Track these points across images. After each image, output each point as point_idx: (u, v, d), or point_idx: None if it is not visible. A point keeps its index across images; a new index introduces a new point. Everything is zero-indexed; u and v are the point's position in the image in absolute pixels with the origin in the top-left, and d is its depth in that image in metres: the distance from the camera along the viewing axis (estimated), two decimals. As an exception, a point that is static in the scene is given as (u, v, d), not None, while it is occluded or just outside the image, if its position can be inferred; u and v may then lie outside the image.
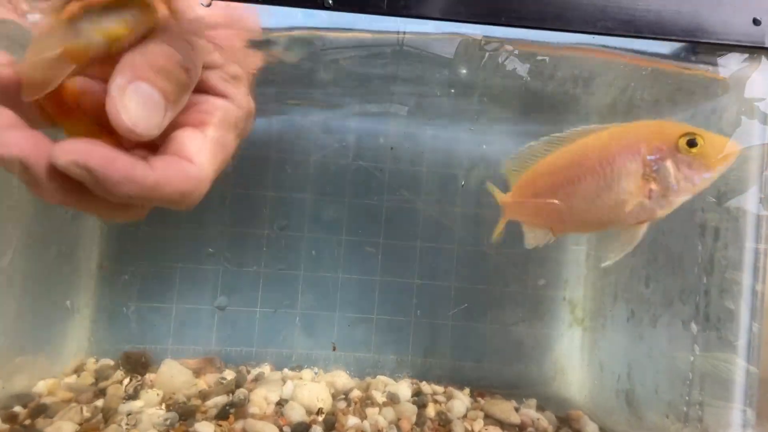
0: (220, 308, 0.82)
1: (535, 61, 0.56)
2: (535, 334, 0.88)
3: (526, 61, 0.58)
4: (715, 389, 0.51)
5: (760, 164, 0.49)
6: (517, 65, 0.61)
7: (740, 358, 0.49)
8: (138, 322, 0.80)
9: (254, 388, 0.72)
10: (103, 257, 0.79)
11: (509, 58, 0.60)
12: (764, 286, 0.48)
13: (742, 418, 0.48)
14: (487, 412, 0.72)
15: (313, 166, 0.88)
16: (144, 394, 0.66)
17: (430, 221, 0.90)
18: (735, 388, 0.49)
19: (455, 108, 0.83)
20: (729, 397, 0.49)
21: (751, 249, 0.48)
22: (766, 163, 0.49)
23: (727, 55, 0.49)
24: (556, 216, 0.44)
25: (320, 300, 0.88)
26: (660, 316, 0.62)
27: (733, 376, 0.48)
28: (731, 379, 0.48)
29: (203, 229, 0.84)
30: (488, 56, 0.56)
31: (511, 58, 0.59)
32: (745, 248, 0.49)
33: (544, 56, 0.57)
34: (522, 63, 0.61)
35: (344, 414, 0.68)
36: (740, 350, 0.49)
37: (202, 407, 0.65)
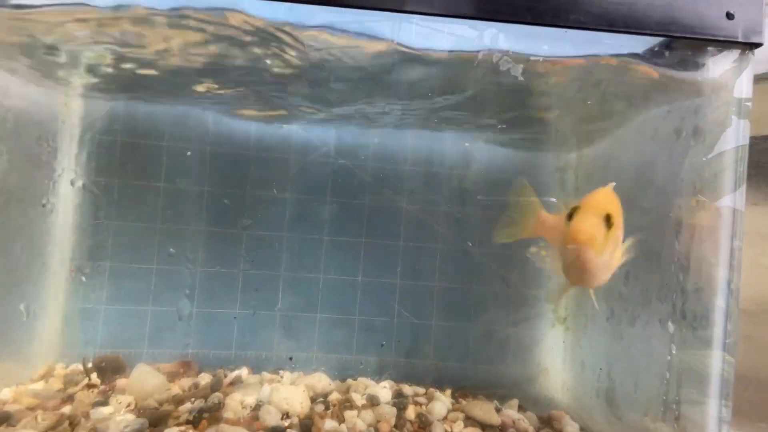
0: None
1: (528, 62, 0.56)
2: (519, 333, 0.87)
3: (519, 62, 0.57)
4: (692, 388, 0.51)
5: (734, 161, 0.49)
6: (510, 66, 0.60)
7: (716, 356, 0.48)
8: (112, 325, 0.78)
9: (231, 392, 0.70)
10: (75, 257, 0.77)
11: (503, 59, 0.58)
12: (739, 284, 0.47)
13: (719, 416, 0.48)
14: (467, 413, 0.71)
15: (294, 165, 0.86)
16: (114, 399, 0.64)
17: (413, 220, 0.89)
18: (711, 387, 0.48)
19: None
20: (706, 396, 0.49)
21: (726, 246, 0.48)
22: (741, 160, 0.49)
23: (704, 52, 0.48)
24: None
25: (301, 301, 0.86)
26: (638, 315, 0.61)
27: (709, 375, 0.48)
28: (708, 378, 0.48)
29: (181, 229, 0.82)
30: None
31: (504, 59, 0.58)
32: (721, 245, 0.49)
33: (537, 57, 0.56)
34: (515, 64, 0.60)
35: (321, 417, 0.66)
36: (715, 349, 0.48)
37: (175, 412, 0.64)
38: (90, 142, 0.77)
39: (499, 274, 0.88)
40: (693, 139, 0.53)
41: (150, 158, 0.81)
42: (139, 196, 0.80)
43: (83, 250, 0.78)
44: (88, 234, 0.77)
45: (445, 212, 0.89)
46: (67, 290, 0.76)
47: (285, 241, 0.86)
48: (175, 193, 0.82)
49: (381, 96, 0.75)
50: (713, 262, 0.49)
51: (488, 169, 0.89)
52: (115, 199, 0.79)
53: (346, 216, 0.88)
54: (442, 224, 0.89)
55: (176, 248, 0.81)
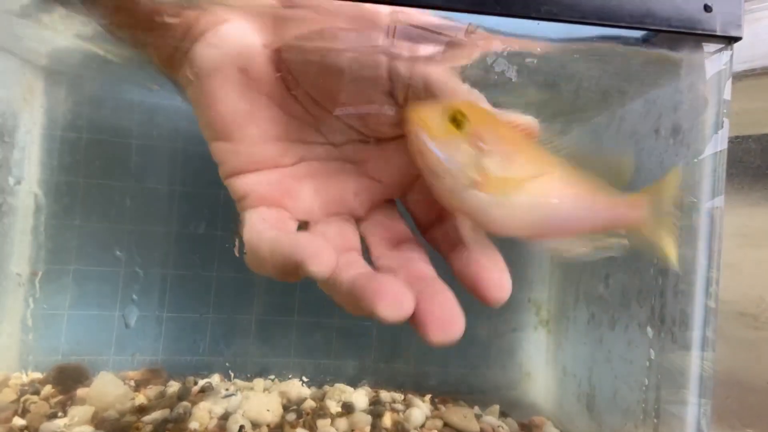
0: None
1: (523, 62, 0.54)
2: (500, 337, 0.85)
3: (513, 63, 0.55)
4: (670, 394, 0.49)
5: (713, 158, 0.47)
6: (505, 67, 0.58)
7: (694, 362, 0.46)
8: (76, 331, 0.75)
9: (199, 401, 0.67)
10: (34, 258, 0.73)
11: (497, 60, 0.56)
12: (718, 288, 0.45)
13: (697, 423, 0.46)
14: (446, 420, 0.69)
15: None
16: (73, 410, 0.61)
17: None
18: (690, 393, 0.47)
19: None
20: (684, 402, 0.47)
21: (704, 247, 0.46)
22: (719, 158, 0.47)
23: (681, 46, 0.47)
24: None
25: (276, 304, 0.84)
26: (618, 318, 0.60)
27: (688, 380, 0.46)
28: (686, 383, 0.46)
29: (149, 230, 0.79)
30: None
31: (499, 60, 0.56)
32: (699, 246, 0.47)
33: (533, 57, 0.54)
34: (511, 66, 0.58)
35: (293, 427, 0.63)
36: (694, 354, 0.46)
37: (138, 423, 0.60)
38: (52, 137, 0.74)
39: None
40: (672, 138, 0.51)
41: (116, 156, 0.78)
42: (105, 196, 0.77)
43: (44, 252, 0.74)
44: (47, 236, 0.74)
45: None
46: (25, 294, 0.72)
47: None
48: (143, 192, 0.79)
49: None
50: (691, 263, 0.47)
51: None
52: (78, 199, 0.76)
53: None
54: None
55: (145, 251, 0.78)
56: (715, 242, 0.46)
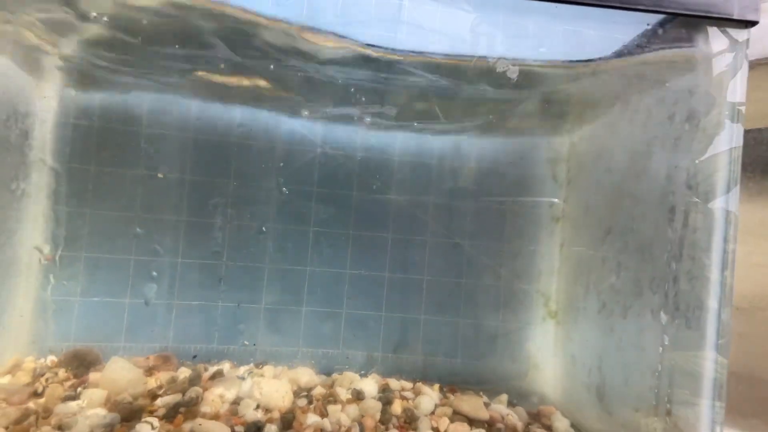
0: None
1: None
2: (509, 328, 0.85)
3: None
4: (684, 381, 0.49)
5: (729, 148, 0.47)
6: (508, 67, 0.58)
7: (709, 347, 0.46)
8: (87, 317, 0.75)
9: (210, 387, 0.67)
10: (48, 245, 0.74)
11: (500, 60, 0.56)
12: (733, 271, 0.45)
13: (712, 411, 0.46)
14: (455, 408, 0.69)
15: (278, 155, 0.84)
16: (86, 394, 0.61)
17: (402, 212, 0.86)
18: (705, 379, 0.47)
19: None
20: (698, 390, 0.47)
21: (720, 232, 0.46)
22: (735, 148, 0.47)
23: (699, 29, 0.47)
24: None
25: (286, 294, 0.84)
26: (630, 306, 0.60)
27: (702, 366, 0.46)
28: (700, 370, 0.46)
29: (160, 218, 0.79)
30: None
31: (501, 60, 0.56)
32: (714, 232, 0.47)
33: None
34: (513, 66, 0.58)
35: (304, 412, 0.64)
36: (709, 339, 0.46)
37: (150, 407, 0.61)
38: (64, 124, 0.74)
39: (490, 267, 0.87)
40: (687, 124, 0.51)
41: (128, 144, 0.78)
42: (117, 183, 0.77)
43: (58, 239, 0.74)
44: (61, 223, 0.74)
45: (434, 204, 0.87)
46: (38, 281, 0.73)
47: (270, 233, 0.83)
48: (154, 181, 0.79)
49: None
50: (706, 249, 0.47)
51: (479, 159, 0.87)
52: (90, 186, 0.76)
53: (333, 207, 0.85)
54: (432, 216, 0.87)
55: (155, 238, 0.79)
56: (731, 227, 0.46)
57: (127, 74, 0.76)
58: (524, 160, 0.86)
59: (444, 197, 0.87)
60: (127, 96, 0.78)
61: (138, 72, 0.76)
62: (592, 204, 0.73)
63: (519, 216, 0.87)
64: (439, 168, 0.87)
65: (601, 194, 0.70)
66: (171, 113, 0.80)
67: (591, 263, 0.72)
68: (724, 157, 0.47)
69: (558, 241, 0.85)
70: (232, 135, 0.82)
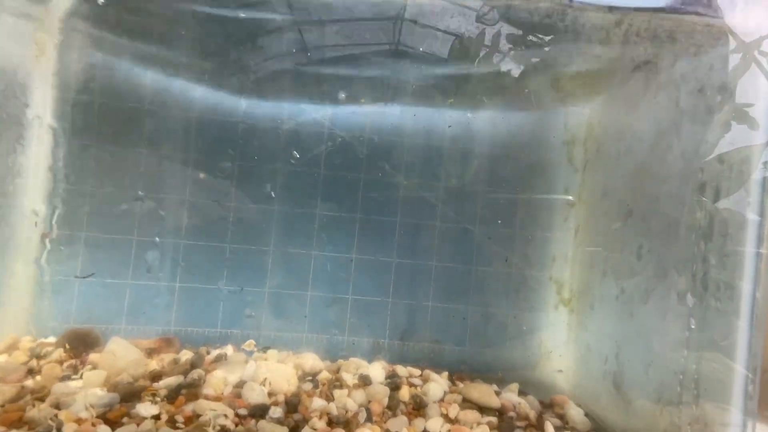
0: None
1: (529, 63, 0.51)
2: (520, 316, 0.83)
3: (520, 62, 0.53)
4: (713, 366, 0.46)
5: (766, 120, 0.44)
6: (512, 66, 0.55)
7: (742, 330, 0.44)
8: (87, 298, 0.73)
9: (213, 370, 0.65)
10: (49, 223, 0.71)
11: (504, 60, 0.53)
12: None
13: (744, 399, 0.44)
14: (465, 395, 0.67)
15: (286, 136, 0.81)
16: (85, 374, 0.59)
17: (411, 195, 0.84)
18: (736, 366, 0.44)
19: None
20: (730, 377, 0.44)
21: (755, 206, 0.43)
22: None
23: None
24: None
25: (291, 279, 0.82)
26: (652, 290, 0.57)
27: (734, 349, 0.43)
28: (732, 357, 0.43)
29: (164, 199, 0.77)
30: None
31: (506, 60, 0.53)
32: (748, 208, 0.44)
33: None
34: (517, 65, 0.55)
35: (309, 396, 0.62)
36: (742, 320, 0.44)
37: (150, 388, 0.59)
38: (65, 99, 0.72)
39: (500, 254, 0.84)
40: (720, 95, 0.48)
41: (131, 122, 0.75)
42: (118, 162, 0.75)
43: (60, 217, 0.72)
44: (63, 200, 0.72)
45: (444, 188, 0.84)
46: (37, 260, 0.70)
47: (275, 215, 0.81)
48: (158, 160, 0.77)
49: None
50: (740, 227, 0.44)
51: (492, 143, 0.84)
52: (92, 164, 0.74)
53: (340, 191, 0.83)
54: (442, 201, 0.84)
55: (161, 220, 0.76)
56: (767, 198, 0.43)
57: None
58: (540, 142, 0.83)
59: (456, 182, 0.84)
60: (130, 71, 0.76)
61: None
62: (611, 186, 0.70)
63: (532, 202, 0.84)
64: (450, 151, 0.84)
65: (621, 176, 0.67)
66: (174, 90, 0.78)
67: (609, 247, 0.69)
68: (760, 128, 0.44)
69: (573, 227, 0.82)
70: (238, 116, 0.80)
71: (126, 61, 0.75)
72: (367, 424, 0.57)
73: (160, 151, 0.77)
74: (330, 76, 0.82)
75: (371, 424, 0.58)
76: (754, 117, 0.45)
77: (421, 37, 0.72)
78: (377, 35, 0.74)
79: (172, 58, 0.76)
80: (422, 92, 0.83)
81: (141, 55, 0.76)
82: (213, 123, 0.79)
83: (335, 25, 0.72)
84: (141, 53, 0.76)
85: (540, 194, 0.84)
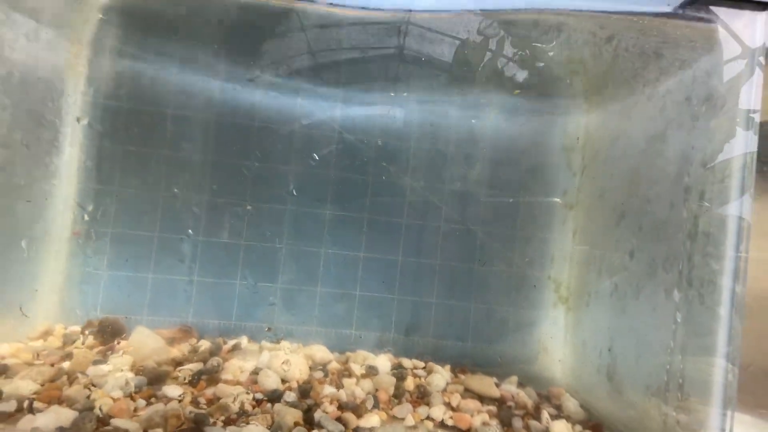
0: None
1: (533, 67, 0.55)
2: (519, 313, 0.87)
3: (524, 68, 0.57)
4: (697, 357, 0.50)
5: (746, 122, 0.48)
6: (516, 71, 0.60)
7: (723, 322, 0.47)
8: (112, 290, 0.78)
9: (230, 358, 0.70)
10: (80, 220, 0.77)
11: (508, 65, 0.58)
12: (748, 246, 0.46)
13: (724, 388, 0.47)
14: (467, 386, 0.71)
15: (298, 137, 0.86)
16: (114, 359, 0.64)
17: (417, 197, 0.88)
18: (717, 356, 0.48)
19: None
20: (711, 365, 0.48)
21: (735, 209, 0.47)
22: (753, 122, 0.48)
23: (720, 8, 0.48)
24: None
25: (301, 275, 0.86)
26: (643, 287, 0.61)
27: (715, 340, 0.47)
28: (714, 343, 0.47)
29: (183, 197, 0.82)
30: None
31: (510, 64, 0.58)
32: (729, 209, 0.48)
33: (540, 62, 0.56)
34: (521, 69, 0.60)
35: (320, 383, 0.66)
36: (723, 314, 0.47)
37: (174, 373, 0.63)
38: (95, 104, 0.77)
39: (502, 253, 0.88)
40: (705, 105, 0.52)
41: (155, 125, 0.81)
42: (142, 163, 0.80)
43: (87, 215, 0.77)
44: (90, 199, 0.77)
45: (449, 190, 0.89)
46: (68, 254, 0.76)
47: (287, 214, 0.86)
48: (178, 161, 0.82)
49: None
50: (721, 226, 0.48)
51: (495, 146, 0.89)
52: (120, 165, 0.79)
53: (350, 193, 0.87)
54: (446, 202, 0.88)
55: (182, 217, 0.81)
56: (745, 204, 0.47)
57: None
58: (539, 147, 0.87)
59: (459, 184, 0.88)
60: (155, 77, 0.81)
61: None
62: (607, 189, 0.74)
63: (532, 205, 0.88)
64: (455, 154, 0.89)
65: (616, 180, 0.71)
66: (195, 95, 0.83)
67: (604, 247, 0.73)
68: (740, 138, 0.48)
69: (571, 228, 0.86)
70: (255, 117, 0.85)
71: (151, 68, 0.81)
72: (375, 410, 0.61)
73: (182, 152, 0.82)
74: (338, 79, 0.86)
75: (378, 410, 0.62)
76: (736, 123, 0.49)
77: (426, 42, 0.76)
78: (383, 40, 0.78)
79: (194, 61, 0.81)
80: (428, 96, 0.88)
81: (166, 60, 0.81)
82: (231, 125, 0.84)
83: (342, 29, 0.76)
84: (166, 58, 0.81)
85: (536, 197, 0.88)
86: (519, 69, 0.65)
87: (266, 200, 0.85)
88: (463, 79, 0.80)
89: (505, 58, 0.63)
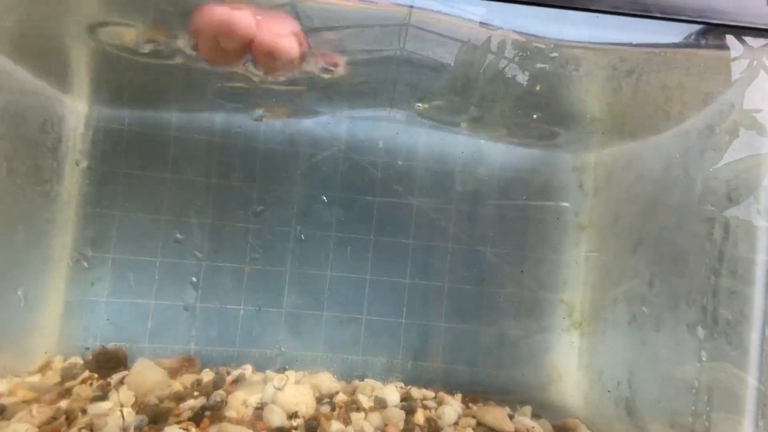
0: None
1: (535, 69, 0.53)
2: (531, 337, 0.84)
3: (525, 69, 0.55)
4: (724, 400, 0.47)
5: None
6: (517, 73, 0.58)
7: (752, 366, 0.45)
8: (114, 318, 0.76)
9: (233, 391, 0.67)
10: (76, 247, 0.75)
11: (509, 66, 0.56)
12: (779, 288, 0.44)
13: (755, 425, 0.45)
14: (479, 419, 0.68)
15: (303, 159, 0.84)
16: (114, 395, 0.62)
17: (424, 218, 0.86)
18: (747, 399, 0.45)
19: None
20: (740, 409, 0.45)
21: (764, 245, 0.45)
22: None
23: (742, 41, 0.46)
24: None
25: (307, 299, 0.84)
26: (664, 320, 0.58)
27: (744, 385, 0.45)
28: (743, 390, 0.45)
29: (185, 221, 0.80)
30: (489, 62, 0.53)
31: (511, 65, 0.56)
32: (758, 244, 0.46)
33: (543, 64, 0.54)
34: (522, 71, 0.58)
35: (327, 419, 0.63)
36: (752, 357, 0.45)
37: (176, 410, 0.61)
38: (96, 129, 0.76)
39: (513, 275, 0.86)
40: (728, 135, 0.50)
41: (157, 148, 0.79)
42: (145, 186, 0.78)
43: (86, 241, 0.76)
44: (89, 225, 0.75)
45: (456, 210, 0.86)
46: (68, 281, 0.74)
47: (293, 238, 0.84)
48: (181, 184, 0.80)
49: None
50: (749, 263, 0.46)
51: (503, 167, 0.87)
52: (120, 189, 0.77)
53: (356, 212, 0.85)
54: (454, 223, 0.86)
55: (183, 242, 0.80)
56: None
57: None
58: (549, 167, 0.85)
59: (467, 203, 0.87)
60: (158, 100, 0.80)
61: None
62: (622, 214, 0.71)
63: (542, 223, 0.86)
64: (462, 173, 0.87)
65: (632, 203, 0.69)
66: (198, 117, 0.81)
67: (620, 274, 0.71)
68: (766, 168, 0.46)
69: (583, 250, 0.84)
70: (258, 141, 0.83)
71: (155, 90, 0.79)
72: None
73: (184, 176, 0.80)
74: (339, 92, 0.85)
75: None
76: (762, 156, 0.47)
77: (427, 44, 0.74)
78: (381, 42, 0.75)
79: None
80: (436, 115, 0.86)
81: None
82: (233, 148, 0.83)
83: (339, 32, 0.73)
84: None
85: (546, 214, 0.86)
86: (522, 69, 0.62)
87: (270, 223, 0.84)
88: (476, 105, 0.78)
89: (507, 59, 0.60)
